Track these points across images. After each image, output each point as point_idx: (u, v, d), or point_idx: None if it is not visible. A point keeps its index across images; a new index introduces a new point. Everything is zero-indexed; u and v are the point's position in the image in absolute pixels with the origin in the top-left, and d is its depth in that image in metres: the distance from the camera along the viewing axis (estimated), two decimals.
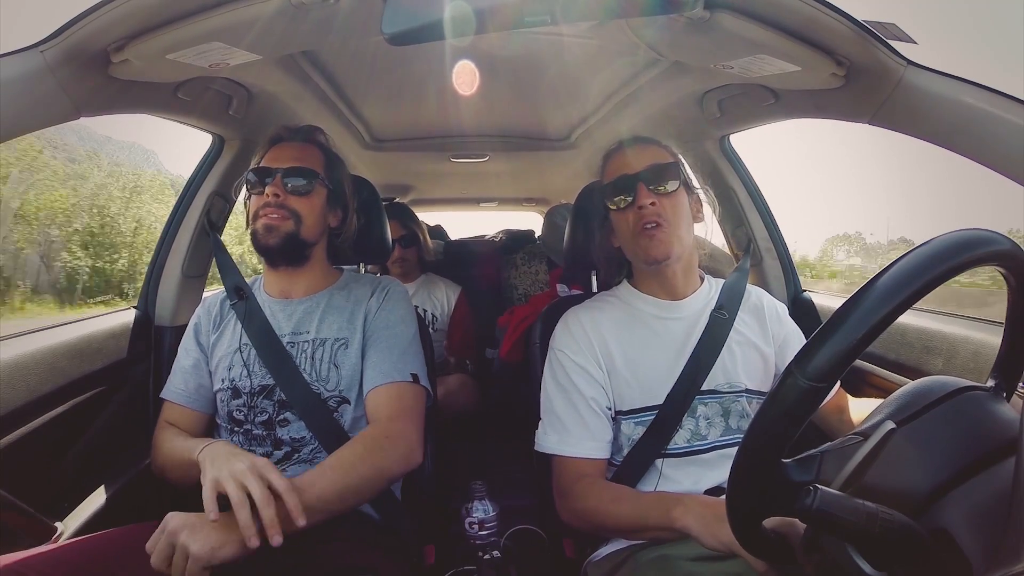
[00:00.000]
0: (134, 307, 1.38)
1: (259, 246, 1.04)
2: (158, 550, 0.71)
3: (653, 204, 0.93)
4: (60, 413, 1.04)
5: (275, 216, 1.02)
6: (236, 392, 1.01)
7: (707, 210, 1.07)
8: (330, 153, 1.13)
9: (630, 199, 0.94)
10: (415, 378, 1.02)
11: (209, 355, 1.07)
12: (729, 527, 0.53)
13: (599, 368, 0.97)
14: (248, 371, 1.01)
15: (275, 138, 1.11)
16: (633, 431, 0.95)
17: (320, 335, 1.03)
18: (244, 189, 1.11)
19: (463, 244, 3.07)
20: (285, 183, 1.03)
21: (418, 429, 0.98)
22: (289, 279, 1.09)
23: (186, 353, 1.09)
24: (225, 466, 0.75)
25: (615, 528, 0.89)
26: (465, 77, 1.41)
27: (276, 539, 0.71)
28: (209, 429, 1.07)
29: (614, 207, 0.98)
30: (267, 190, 1.02)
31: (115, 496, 1.10)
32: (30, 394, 0.97)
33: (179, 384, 1.06)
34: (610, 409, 0.97)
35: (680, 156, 1.03)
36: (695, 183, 1.04)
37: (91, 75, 0.86)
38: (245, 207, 1.13)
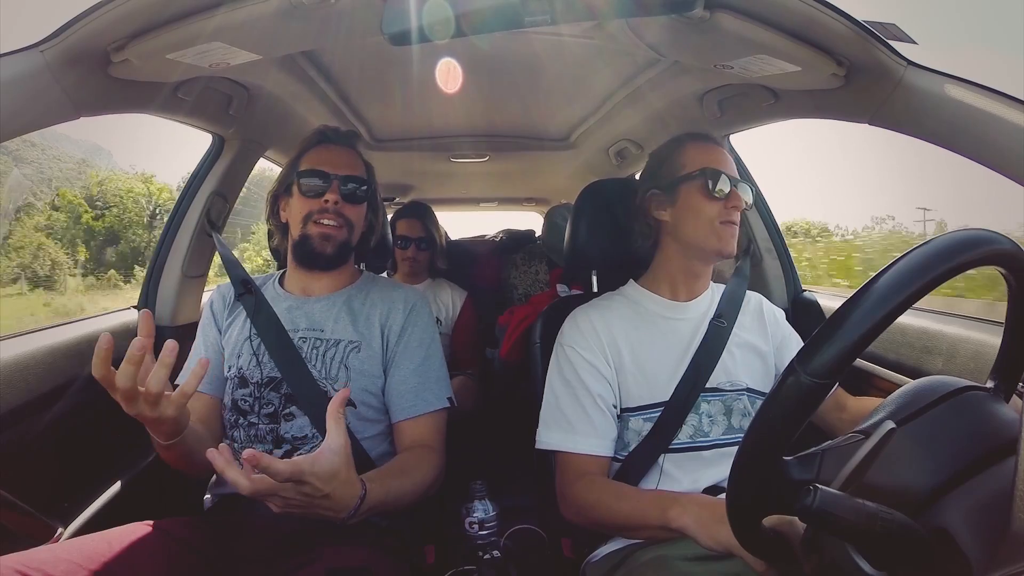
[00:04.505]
0: (134, 307, 1.38)
1: (310, 252, 1.05)
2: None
3: (739, 209, 0.98)
4: (60, 413, 1.04)
5: (332, 224, 1.04)
6: (243, 381, 1.01)
7: None
8: (366, 161, 1.15)
9: (726, 192, 0.98)
10: (451, 401, 1.06)
11: (222, 337, 1.08)
12: (727, 528, 0.53)
13: (607, 365, 0.98)
14: (258, 361, 1.01)
15: (320, 138, 1.11)
16: (642, 427, 0.96)
17: (335, 335, 1.04)
18: (280, 187, 1.11)
19: (463, 244, 3.07)
20: (342, 190, 1.04)
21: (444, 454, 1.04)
22: (315, 278, 1.10)
23: (205, 338, 1.09)
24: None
25: (614, 525, 0.89)
26: (464, 77, 1.41)
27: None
28: (221, 416, 1.06)
29: (713, 192, 0.98)
30: (328, 195, 1.03)
31: (115, 496, 1.11)
32: (30, 394, 0.97)
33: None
34: (615, 407, 0.98)
35: None
36: None
37: (91, 75, 0.86)
38: (271, 201, 1.13)
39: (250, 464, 0.64)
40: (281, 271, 1.17)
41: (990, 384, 0.55)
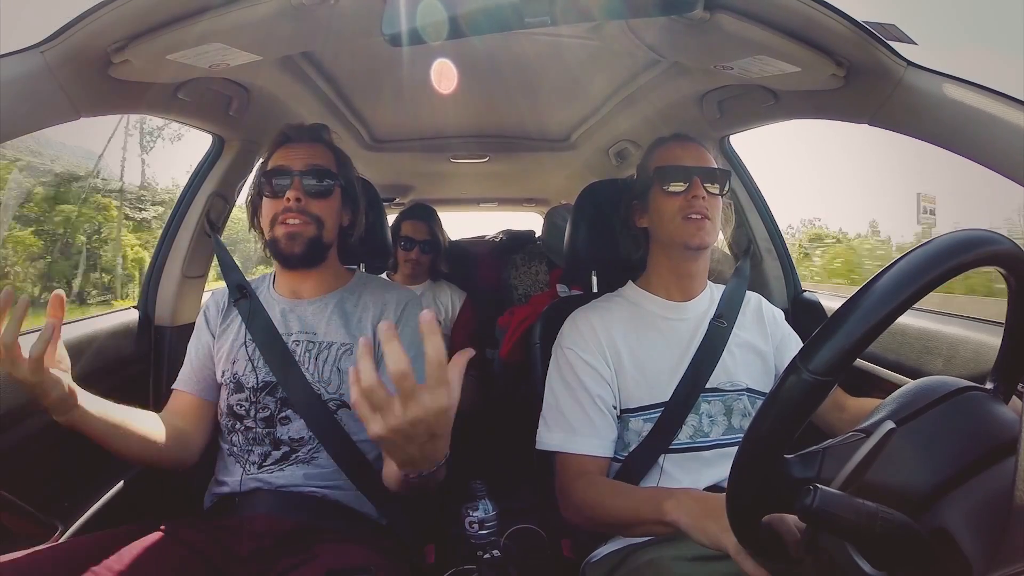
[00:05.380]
0: (134, 307, 1.38)
1: (280, 254, 1.03)
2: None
3: (703, 198, 0.98)
4: None
5: (297, 222, 1.00)
6: (239, 386, 1.01)
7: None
8: (339, 151, 1.11)
9: (685, 186, 0.99)
10: None
11: (215, 343, 1.08)
12: (716, 523, 0.53)
13: (607, 366, 0.98)
14: (253, 366, 1.01)
15: (283, 138, 1.08)
16: (642, 427, 0.96)
17: (327, 338, 1.03)
18: (253, 191, 1.08)
19: (463, 245, 3.07)
20: (304, 186, 1.01)
21: None
22: (301, 279, 1.08)
23: (197, 341, 1.09)
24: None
25: (611, 522, 0.89)
26: (464, 78, 1.41)
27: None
28: (216, 420, 1.06)
29: (667, 189, 1.00)
30: (288, 194, 1.00)
31: (115, 496, 1.11)
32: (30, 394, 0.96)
33: (188, 372, 1.07)
34: (615, 408, 0.98)
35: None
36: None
37: (91, 76, 0.86)
38: (250, 207, 1.11)
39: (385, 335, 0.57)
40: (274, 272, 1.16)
41: (990, 385, 0.55)
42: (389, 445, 0.63)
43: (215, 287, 1.23)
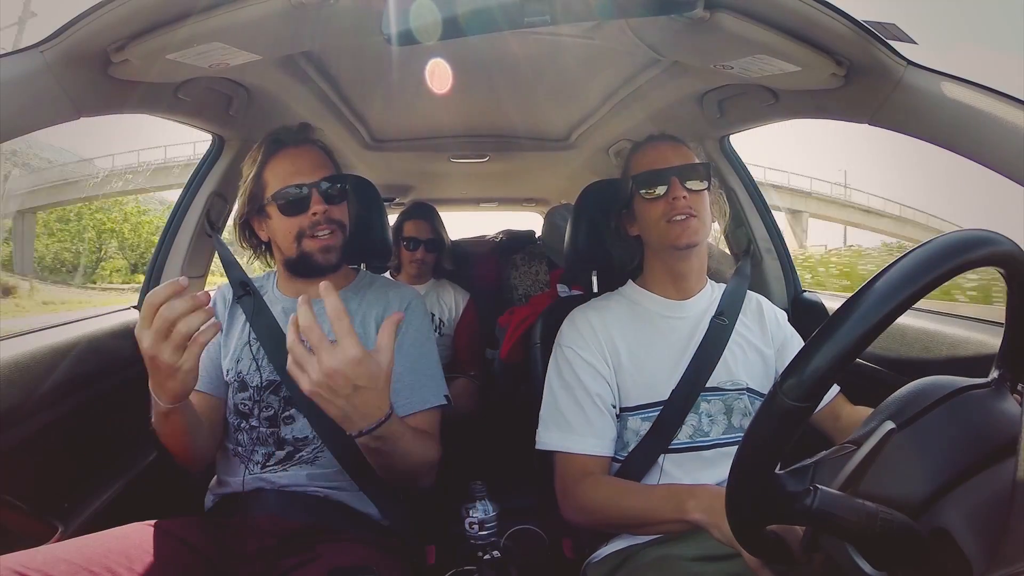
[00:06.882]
0: (134, 307, 1.38)
1: (315, 267, 1.01)
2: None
3: (685, 197, 0.97)
4: (60, 413, 1.04)
5: (327, 234, 1.00)
6: (243, 385, 1.01)
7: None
8: (326, 147, 1.10)
9: (663, 190, 0.98)
10: (448, 399, 1.04)
11: (221, 339, 1.07)
12: None
13: (606, 365, 0.98)
14: (257, 366, 1.01)
15: (277, 142, 1.05)
16: (640, 427, 0.96)
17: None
18: (249, 208, 1.05)
19: (463, 244, 3.07)
20: (323, 195, 1.00)
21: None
22: (309, 282, 1.06)
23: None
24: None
25: (623, 522, 0.89)
26: (464, 77, 1.41)
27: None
28: (223, 417, 1.05)
29: (646, 195, 1.00)
30: (314, 208, 0.99)
31: (115, 496, 1.11)
32: (30, 394, 0.96)
33: (199, 371, 1.05)
34: (615, 407, 0.98)
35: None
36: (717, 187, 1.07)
37: (91, 75, 0.86)
38: (243, 228, 1.08)
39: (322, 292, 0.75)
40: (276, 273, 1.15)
41: (995, 374, 0.55)
42: (321, 400, 0.73)
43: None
